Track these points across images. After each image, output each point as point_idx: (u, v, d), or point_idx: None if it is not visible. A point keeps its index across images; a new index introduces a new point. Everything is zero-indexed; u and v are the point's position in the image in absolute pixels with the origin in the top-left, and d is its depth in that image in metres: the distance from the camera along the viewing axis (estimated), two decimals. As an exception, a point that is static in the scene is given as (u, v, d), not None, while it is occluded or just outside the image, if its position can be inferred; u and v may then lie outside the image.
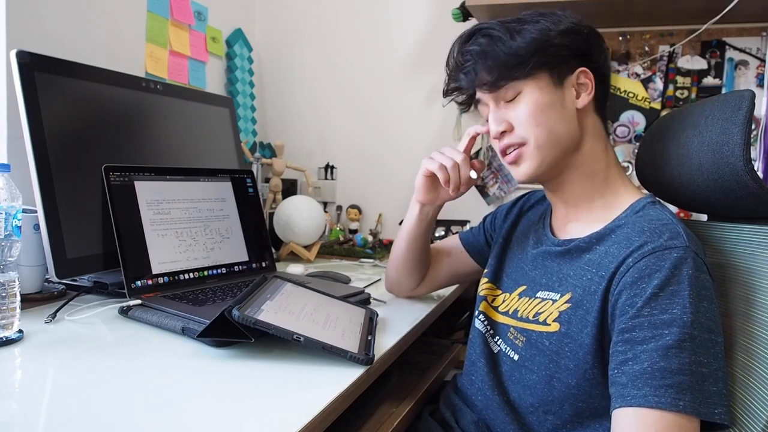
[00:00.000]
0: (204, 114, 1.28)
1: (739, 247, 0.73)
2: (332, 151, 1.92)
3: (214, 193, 1.11)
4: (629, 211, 0.75)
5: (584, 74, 0.78)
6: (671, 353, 0.59)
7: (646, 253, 0.65)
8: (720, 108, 0.72)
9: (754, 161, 1.51)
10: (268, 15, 1.97)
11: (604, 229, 0.74)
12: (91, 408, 0.57)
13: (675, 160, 0.78)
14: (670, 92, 1.58)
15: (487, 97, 0.80)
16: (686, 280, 0.62)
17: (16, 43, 1.07)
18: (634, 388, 0.60)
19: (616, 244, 0.70)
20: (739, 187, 0.69)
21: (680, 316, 0.60)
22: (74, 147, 0.97)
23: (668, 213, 0.72)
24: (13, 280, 0.74)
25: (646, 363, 0.60)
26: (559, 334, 0.72)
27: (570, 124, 0.77)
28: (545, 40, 0.75)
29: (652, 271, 0.63)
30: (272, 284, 0.84)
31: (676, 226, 0.67)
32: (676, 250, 0.64)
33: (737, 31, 1.53)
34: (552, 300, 0.75)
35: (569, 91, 0.77)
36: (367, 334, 0.80)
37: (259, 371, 0.68)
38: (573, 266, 0.76)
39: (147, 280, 0.94)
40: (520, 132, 0.77)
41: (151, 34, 1.46)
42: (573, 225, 0.81)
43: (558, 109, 0.76)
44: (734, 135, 0.68)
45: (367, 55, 1.85)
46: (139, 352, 0.74)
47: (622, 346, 0.63)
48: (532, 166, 0.78)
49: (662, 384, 0.59)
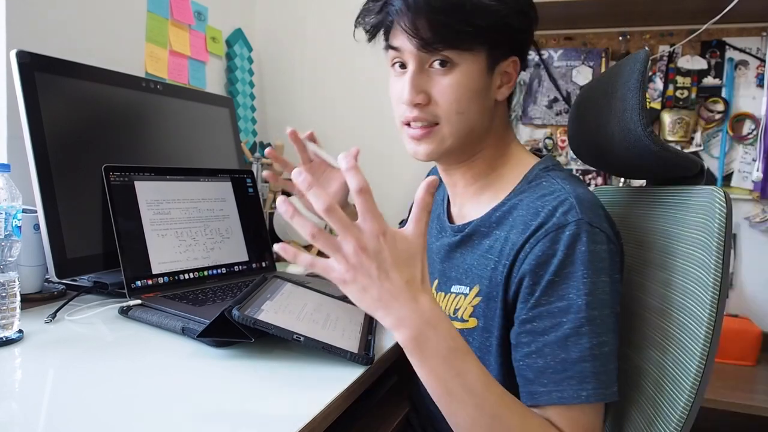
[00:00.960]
0: (204, 114, 1.28)
1: (667, 211, 0.72)
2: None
3: (214, 193, 1.11)
4: (523, 181, 0.71)
5: (513, 64, 0.71)
6: (570, 342, 0.59)
7: (540, 236, 0.62)
8: (620, 73, 0.71)
9: (754, 161, 1.51)
10: (268, 15, 1.97)
11: (500, 207, 0.71)
12: (91, 408, 0.57)
13: (595, 130, 0.77)
14: (670, 92, 1.58)
15: (411, 51, 0.68)
16: (579, 259, 0.60)
17: (16, 43, 1.07)
18: (540, 384, 0.60)
19: (514, 229, 0.66)
20: (645, 151, 0.67)
21: (575, 300, 0.59)
22: (74, 147, 0.97)
23: (560, 179, 0.68)
24: (13, 280, 0.74)
25: (549, 356, 0.60)
26: (479, 329, 0.70)
27: (485, 116, 0.71)
28: (502, 18, 0.66)
29: (548, 256, 0.61)
30: (272, 284, 0.84)
31: (569, 197, 0.64)
32: (568, 226, 0.61)
33: (737, 31, 1.53)
34: (464, 294, 0.73)
35: (495, 80, 0.71)
36: (367, 334, 0.80)
37: (259, 371, 0.68)
38: (475, 256, 0.72)
39: (147, 280, 0.94)
40: (435, 111, 0.69)
41: (151, 34, 1.46)
42: (468, 207, 0.78)
43: (481, 99, 0.70)
44: (630, 100, 0.67)
45: (367, 55, 1.85)
46: (139, 352, 0.74)
47: (526, 337, 0.62)
48: (435, 150, 0.71)
49: (564, 377, 0.58)
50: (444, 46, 0.66)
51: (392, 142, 1.84)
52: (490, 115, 0.72)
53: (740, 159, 1.54)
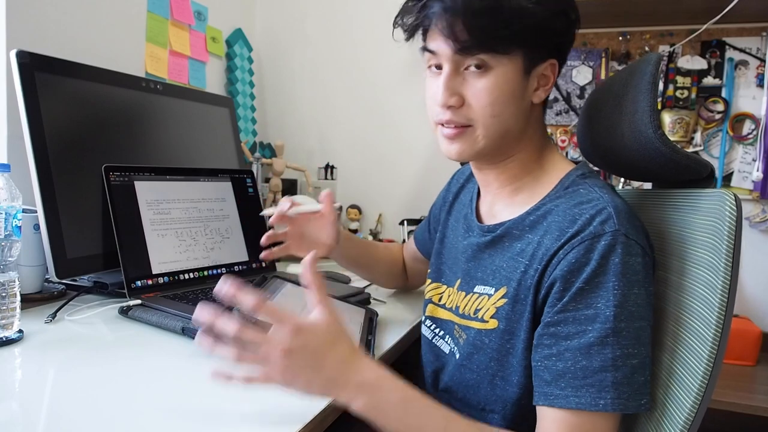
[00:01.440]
0: (204, 114, 1.28)
1: (678, 214, 0.71)
2: (332, 151, 1.92)
3: (214, 193, 1.11)
4: (559, 186, 0.71)
5: (552, 67, 0.70)
6: (593, 351, 0.59)
7: (575, 244, 0.62)
8: (631, 75, 0.70)
9: (754, 161, 1.51)
10: (268, 15, 1.97)
11: (534, 211, 0.70)
12: (91, 408, 0.57)
13: (605, 132, 0.76)
14: (670, 92, 1.58)
15: (446, 54, 0.68)
16: (612, 269, 0.60)
17: (16, 43, 1.07)
18: (557, 387, 0.60)
19: (549, 234, 0.66)
20: (656, 153, 0.67)
21: (603, 311, 0.59)
22: (74, 147, 0.97)
23: (598, 188, 0.68)
24: (13, 280, 0.74)
25: (569, 362, 0.60)
26: (499, 331, 0.69)
27: (521, 119, 0.70)
28: (541, 21, 0.65)
29: (581, 264, 0.61)
30: (272, 284, 0.84)
31: (607, 206, 0.63)
32: (604, 236, 0.61)
33: (737, 31, 1.53)
34: (488, 295, 0.72)
35: (532, 82, 0.70)
36: (367, 334, 0.80)
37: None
38: (505, 257, 0.72)
39: (147, 280, 0.94)
40: (469, 114, 0.69)
41: (151, 34, 1.46)
42: (500, 208, 0.77)
43: (517, 102, 0.69)
44: (641, 102, 0.66)
45: (368, 55, 1.85)
46: (139, 352, 0.74)
47: (548, 340, 0.62)
48: (468, 151, 0.71)
49: (583, 384, 0.59)
50: (480, 50, 0.65)
51: (392, 142, 1.84)
52: (525, 118, 0.71)
53: (740, 159, 1.54)
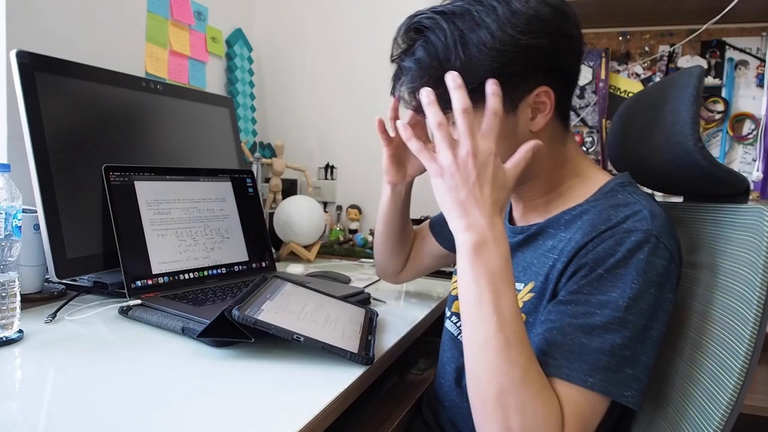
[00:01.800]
0: (204, 114, 1.28)
1: (708, 228, 0.71)
2: (332, 151, 1.92)
3: (214, 193, 1.11)
4: (598, 193, 0.71)
5: (545, 94, 0.67)
6: (594, 333, 0.60)
7: (606, 237, 0.63)
8: (671, 86, 0.70)
9: (754, 161, 1.51)
10: (268, 15, 1.97)
11: (570, 212, 0.71)
12: (91, 408, 0.57)
13: (639, 142, 0.76)
14: (670, 92, 1.58)
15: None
16: (635, 264, 0.61)
17: (16, 43, 1.07)
18: (551, 357, 0.61)
19: (581, 230, 0.66)
20: (694, 166, 0.67)
21: (615, 300, 0.60)
22: (74, 147, 0.97)
23: (637, 195, 0.68)
24: (13, 280, 0.74)
25: (569, 336, 0.61)
26: (527, 324, 0.69)
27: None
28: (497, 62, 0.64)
29: (608, 254, 0.62)
30: (272, 284, 0.84)
31: (643, 209, 0.64)
32: (636, 233, 0.62)
33: (737, 31, 1.53)
34: (517, 291, 0.72)
35: (524, 113, 0.68)
36: (367, 334, 0.80)
37: (259, 371, 0.68)
38: (536, 254, 0.73)
39: (147, 280, 0.94)
40: None
41: (151, 34, 1.46)
42: (533, 213, 0.78)
43: (509, 138, 0.67)
44: (683, 114, 0.66)
45: (367, 55, 1.85)
46: (140, 352, 0.74)
47: (555, 315, 0.63)
48: None
49: (577, 358, 0.59)
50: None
51: (392, 142, 1.84)
52: None
53: (740, 159, 1.54)
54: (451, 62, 0.65)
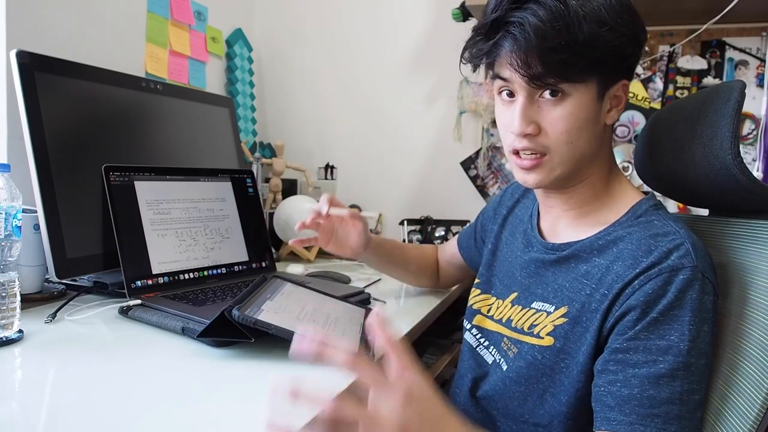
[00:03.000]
0: (204, 114, 1.27)
1: (737, 243, 0.71)
2: (332, 151, 1.92)
3: (214, 193, 1.11)
4: (630, 214, 0.71)
5: (623, 87, 0.70)
6: (663, 382, 0.59)
7: (653, 275, 0.62)
8: (710, 99, 0.70)
9: (754, 161, 1.51)
10: (268, 15, 1.97)
11: (603, 236, 0.70)
12: (91, 408, 0.57)
13: (670, 155, 0.76)
14: (670, 92, 1.58)
15: (520, 83, 0.66)
16: (689, 304, 0.60)
17: (16, 43, 1.07)
18: (621, 413, 0.59)
19: (621, 261, 0.65)
20: (730, 181, 0.66)
21: (677, 344, 0.59)
22: (74, 147, 0.97)
23: (673, 221, 0.67)
24: (13, 280, 0.74)
25: (636, 389, 0.59)
26: (554, 349, 0.69)
27: (595, 142, 0.70)
28: (614, 48, 0.65)
29: (658, 295, 0.61)
30: (272, 284, 0.84)
31: (685, 242, 0.63)
32: (683, 271, 0.61)
33: (737, 31, 1.53)
34: (546, 312, 0.72)
35: (605, 105, 0.69)
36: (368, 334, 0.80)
37: (259, 371, 0.68)
38: (569, 278, 0.71)
39: (147, 280, 0.94)
40: (545, 141, 0.68)
41: (151, 34, 1.46)
42: (565, 228, 0.77)
43: (592, 127, 0.68)
44: (722, 127, 0.66)
45: (367, 55, 1.85)
46: (139, 352, 0.74)
47: (614, 366, 0.62)
48: (545, 179, 0.70)
49: (649, 413, 0.58)
50: (556, 80, 0.64)
51: (391, 142, 1.84)
52: (599, 141, 0.71)
53: (740, 159, 1.54)
54: (574, 28, 0.61)
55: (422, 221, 1.70)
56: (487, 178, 1.76)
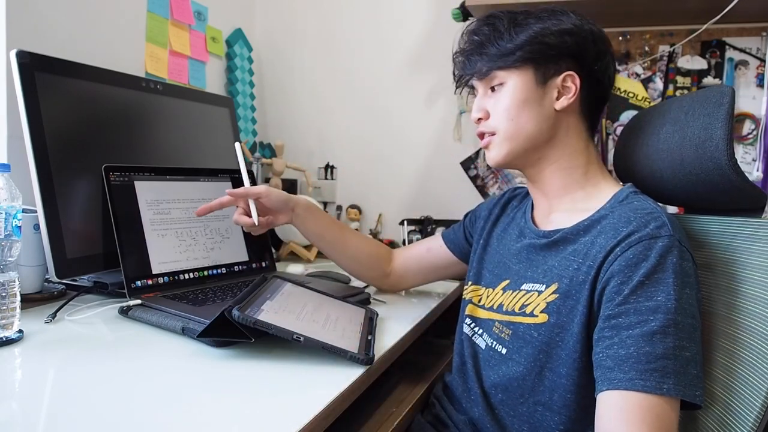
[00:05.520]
0: (204, 114, 1.28)
1: (718, 239, 0.75)
2: (332, 151, 1.92)
3: (214, 193, 1.11)
4: (613, 200, 0.76)
5: (570, 78, 0.79)
6: (656, 338, 0.62)
7: (633, 242, 0.67)
8: (701, 104, 0.73)
9: (754, 161, 1.51)
10: (268, 15, 1.97)
11: (589, 219, 0.76)
12: (91, 408, 0.57)
13: (655, 155, 0.80)
14: (670, 92, 1.58)
15: (478, 84, 0.85)
16: (671, 267, 0.64)
17: (16, 43, 1.07)
18: (621, 371, 0.62)
19: (603, 234, 0.71)
20: (723, 181, 0.71)
21: (664, 303, 0.63)
22: (74, 147, 0.97)
23: (651, 202, 0.74)
24: (13, 280, 0.74)
25: (632, 348, 0.62)
26: (549, 324, 0.73)
27: (543, 123, 0.80)
28: (536, 38, 0.78)
29: (639, 260, 0.65)
30: (272, 284, 0.84)
31: (662, 216, 0.69)
32: (662, 239, 0.66)
33: (737, 31, 1.53)
34: (538, 291, 0.76)
35: (551, 92, 0.80)
36: (367, 334, 0.80)
37: (259, 371, 0.68)
38: (558, 257, 0.77)
39: (147, 280, 0.94)
40: (492, 122, 0.82)
41: (151, 34, 1.46)
42: (556, 216, 0.83)
43: (534, 108, 0.79)
44: (717, 130, 0.70)
45: (367, 55, 1.85)
46: (140, 352, 0.74)
47: (609, 332, 0.65)
48: (499, 154, 0.83)
49: (647, 368, 0.61)
50: (490, 68, 0.81)
51: (391, 142, 1.84)
52: (550, 124, 0.80)
53: (740, 159, 1.54)
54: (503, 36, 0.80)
55: (422, 221, 1.70)
56: (487, 178, 1.76)
